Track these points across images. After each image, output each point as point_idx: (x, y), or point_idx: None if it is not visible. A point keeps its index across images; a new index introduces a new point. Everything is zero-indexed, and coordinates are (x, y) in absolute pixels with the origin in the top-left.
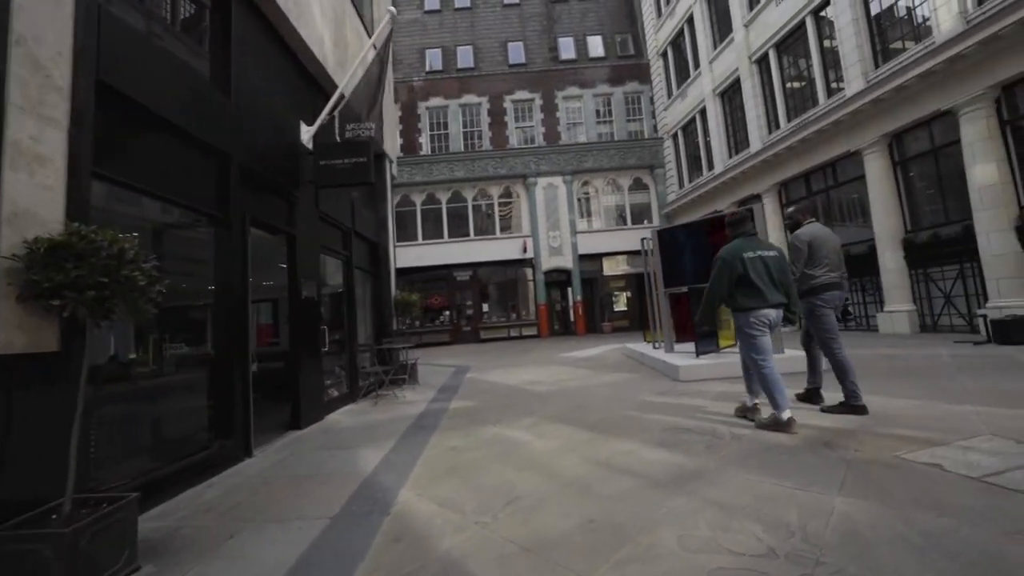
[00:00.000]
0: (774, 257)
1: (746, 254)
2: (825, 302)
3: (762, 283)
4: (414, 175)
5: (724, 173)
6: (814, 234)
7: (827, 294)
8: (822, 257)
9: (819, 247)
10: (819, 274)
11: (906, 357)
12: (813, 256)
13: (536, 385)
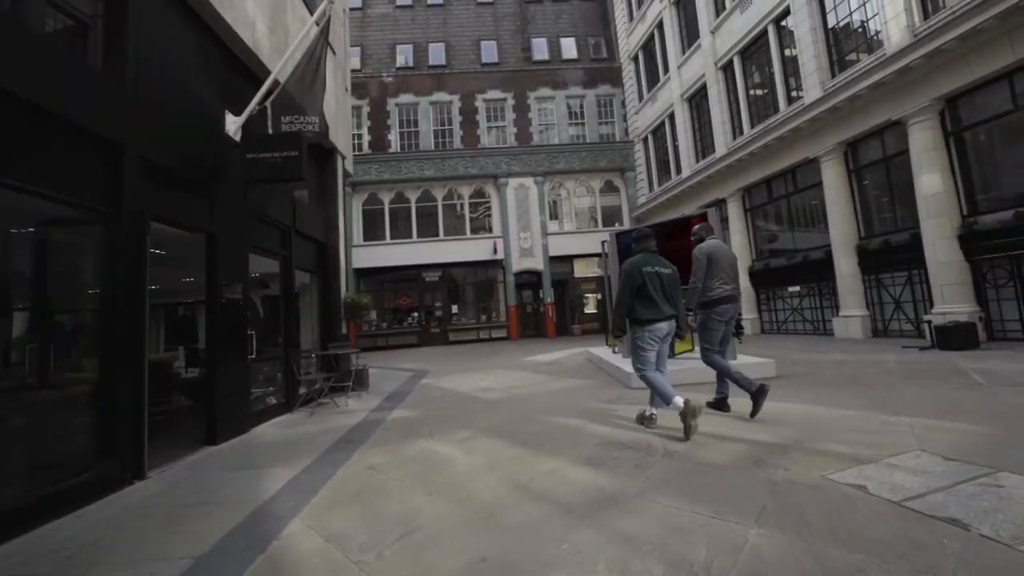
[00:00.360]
0: (669, 274)
1: (646, 268)
2: (719, 315)
3: (657, 296)
4: (382, 173)
5: (691, 177)
6: (713, 249)
7: (721, 307)
8: (719, 271)
9: (717, 262)
10: (715, 287)
11: (854, 363)
12: (711, 270)
13: (488, 392)
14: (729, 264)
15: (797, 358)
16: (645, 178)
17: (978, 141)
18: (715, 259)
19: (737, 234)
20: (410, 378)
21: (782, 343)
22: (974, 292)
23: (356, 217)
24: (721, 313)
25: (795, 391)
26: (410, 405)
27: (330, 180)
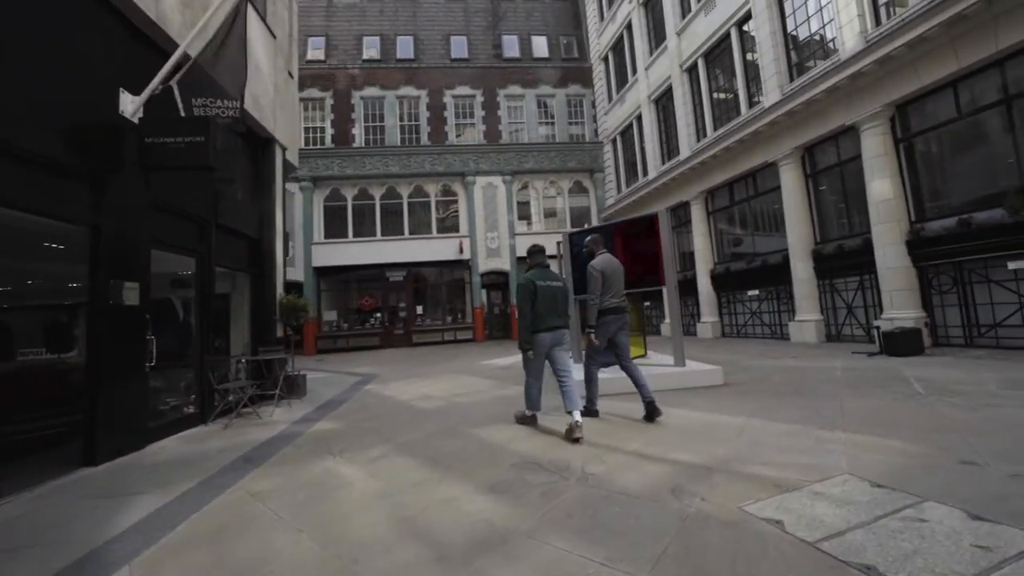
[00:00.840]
0: (560, 287)
1: (539, 283)
2: (606, 324)
3: (545, 309)
4: (345, 168)
5: (657, 179)
6: (605, 265)
7: (609, 317)
8: (611, 285)
9: (609, 276)
10: (607, 300)
11: (802, 370)
12: (605, 284)
13: (428, 400)
14: (620, 278)
15: (748, 364)
16: (614, 179)
17: (926, 148)
18: (608, 274)
19: (700, 237)
20: (355, 383)
21: (738, 347)
22: (920, 298)
23: (317, 213)
24: (608, 323)
25: (738, 401)
26: (339, 416)
27: (267, 172)
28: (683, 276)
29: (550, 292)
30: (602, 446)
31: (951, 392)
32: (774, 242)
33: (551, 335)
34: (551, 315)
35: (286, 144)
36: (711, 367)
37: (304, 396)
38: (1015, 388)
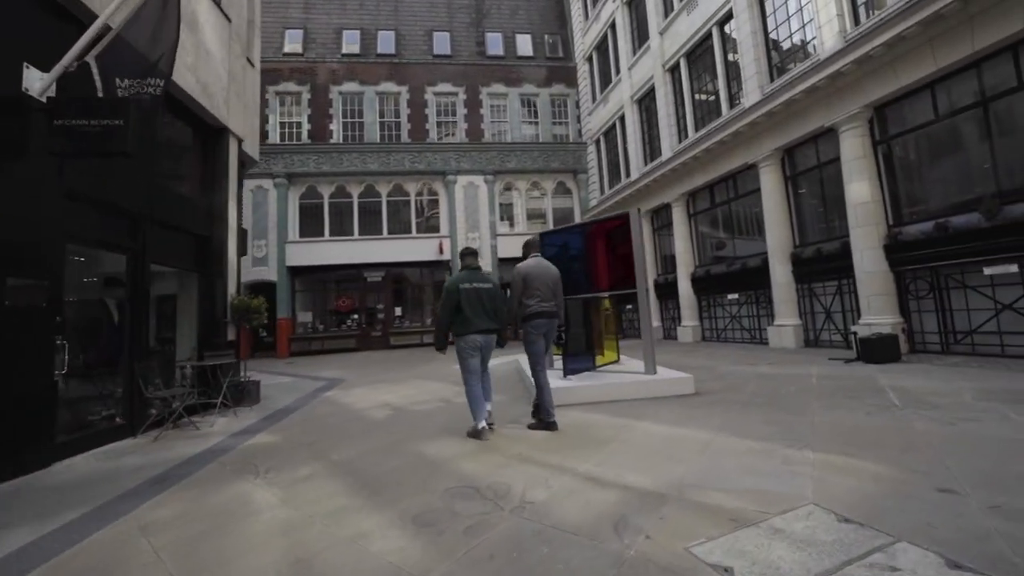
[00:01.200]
0: (488, 289)
1: (463, 285)
2: (535, 328)
3: (471, 311)
4: (322, 164)
5: (639, 180)
6: (529, 269)
7: (536, 322)
8: (534, 289)
9: (532, 280)
10: (531, 304)
11: (778, 378)
12: (527, 287)
13: (385, 409)
14: (545, 282)
15: (724, 370)
16: (597, 181)
17: (904, 151)
18: (530, 278)
19: (681, 239)
20: (317, 389)
21: (717, 352)
22: (898, 303)
23: (292, 211)
24: (536, 327)
25: (707, 413)
26: (283, 427)
27: (219, 165)
28: (664, 279)
29: (475, 294)
30: (552, 466)
31: (927, 404)
32: (754, 245)
33: (482, 337)
34: (479, 317)
35: (242, 136)
36: (682, 375)
37: (256, 404)
38: (991, 400)
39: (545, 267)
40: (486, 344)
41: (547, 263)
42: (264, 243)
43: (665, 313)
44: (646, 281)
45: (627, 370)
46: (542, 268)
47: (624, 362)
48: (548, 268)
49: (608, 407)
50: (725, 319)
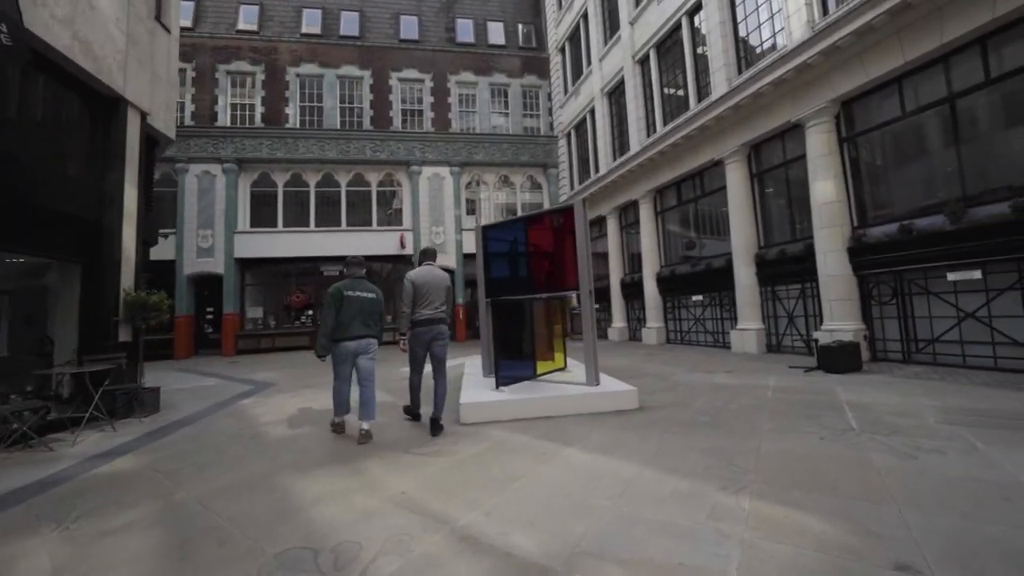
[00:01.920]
0: (370, 298)
1: (347, 292)
2: (416, 336)
3: (348, 318)
4: (276, 150)
5: (607, 175)
6: (419, 276)
7: (418, 330)
8: (422, 296)
9: (421, 287)
10: (419, 311)
11: (731, 390)
12: (417, 295)
13: (288, 424)
14: (433, 289)
15: (678, 379)
16: (567, 175)
17: (871, 149)
18: (419, 285)
19: (647, 237)
20: (235, 396)
21: (678, 357)
22: (860, 309)
23: (243, 200)
24: (420, 334)
25: (643, 437)
26: (158, 448)
27: (112, 141)
28: (631, 278)
29: (358, 302)
30: (431, 515)
31: (887, 427)
32: (721, 245)
33: (355, 343)
34: (356, 324)
35: (148, 109)
36: (626, 388)
37: (152, 415)
38: (954, 423)
39: (435, 275)
40: (359, 350)
41: (439, 271)
42: (210, 233)
43: (631, 314)
44: (590, 282)
45: (570, 380)
46: (432, 276)
47: (573, 369)
48: (438, 276)
49: (538, 426)
50: (690, 321)
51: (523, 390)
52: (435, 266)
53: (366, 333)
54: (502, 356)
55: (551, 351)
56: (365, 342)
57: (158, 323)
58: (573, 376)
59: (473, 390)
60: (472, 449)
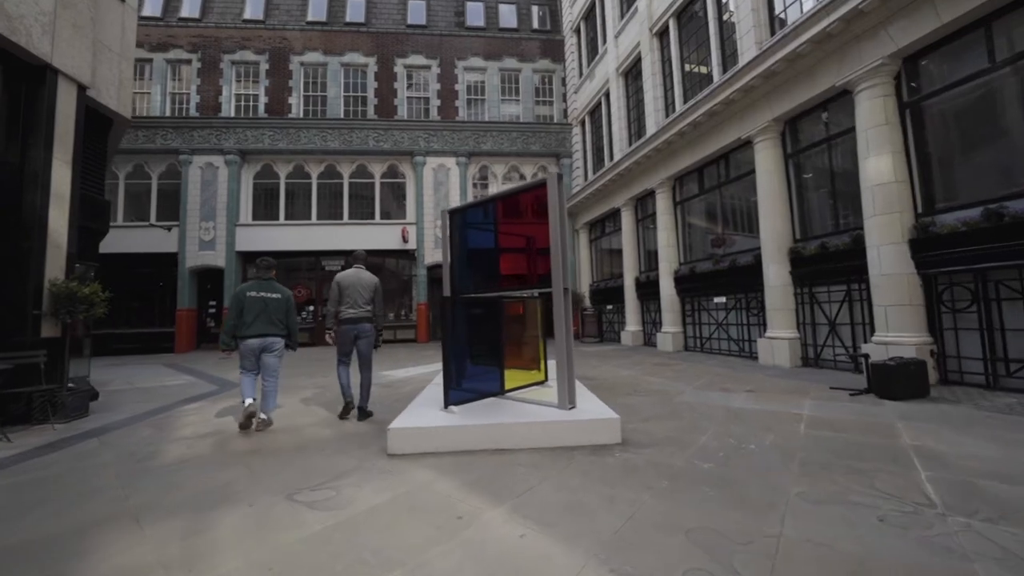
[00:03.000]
0: (276, 299)
1: (249, 293)
2: (342, 333)
3: (252, 317)
4: (277, 141)
5: (622, 162)
6: (343, 277)
7: (342, 327)
8: (347, 297)
9: (345, 288)
10: (342, 310)
11: (750, 420)
12: (341, 295)
13: (200, 442)
14: (357, 290)
15: (685, 400)
16: (581, 165)
17: (943, 114)
18: (344, 286)
19: (664, 231)
20: (188, 399)
21: (692, 368)
22: (926, 317)
23: (245, 192)
24: (343, 332)
25: (611, 494)
26: (24, 470)
27: (35, 112)
28: (646, 277)
29: (261, 303)
30: None
31: (990, 505)
32: (748, 241)
33: (258, 341)
34: (260, 323)
35: (87, 82)
36: (607, 415)
37: (76, 419)
38: None
39: (361, 277)
40: (262, 347)
41: (365, 274)
42: (212, 225)
43: (646, 316)
44: (565, 278)
45: (541, 400)
46: (357, 278)
47: (551, 385)
48: (363, 278)
49: (481, 464)
50: (711, 326)
51: (482, 412)
52: (363, 269)
53: (270, 331)
54: (460, 365)
55: (533, 360)
56: (269, 340)
57: (89, 317)
58: (549, 394)
59: (418, 410)
60: (373, 499)
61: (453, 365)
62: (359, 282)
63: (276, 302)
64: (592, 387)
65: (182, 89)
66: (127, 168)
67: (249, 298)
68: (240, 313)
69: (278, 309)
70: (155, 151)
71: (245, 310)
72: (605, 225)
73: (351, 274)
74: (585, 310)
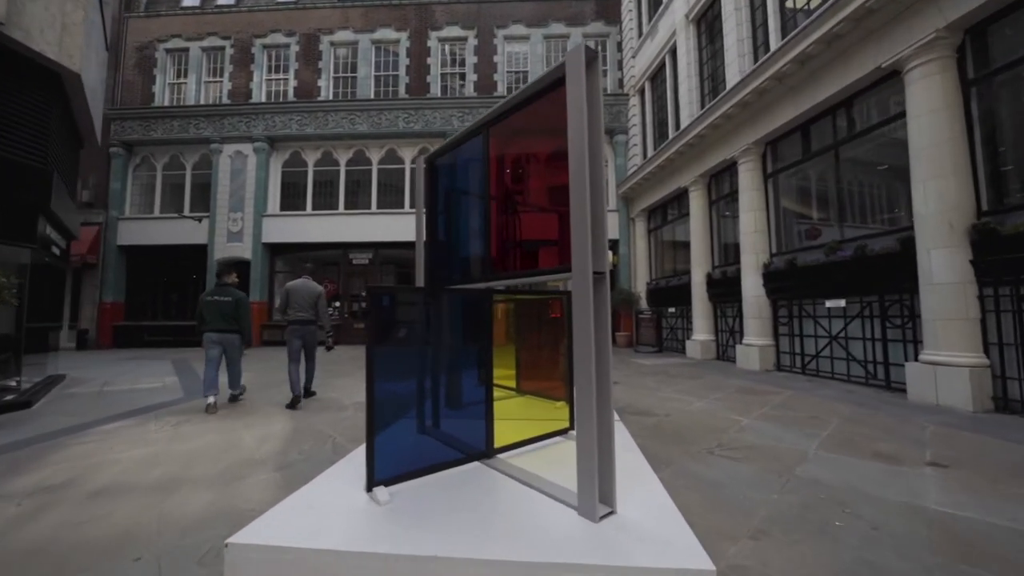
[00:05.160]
0: (227, 302)
1: (207, 297)
2: (289, 333)
3: (210, 315)
4: (305, 126)
5: (690, 129)
6: (292, 286)
7: (289, 327)
8: (293, 302)
9: (292, 294)
10: (290, 313)
11: (985, 549)
12: (289, 300)
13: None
14: (303, 296)
15: (808, 479)
16: (639, 141)
17: None
18: (291, 294)
19: (750, 213)
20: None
21: (797, 404)
22: None
23: (273, 181)
24: (291, 332)
25: None
26: None
27: None
28: (722, 273)
29: (216, 304)
30: None
31: None
32: (887, 216)
33: (217, 335)
34: (216, 320)
35: (42, 45)
36: (685, 543)
37: None
38: None
39: (307, 286)
40: (221, 340)
41: (311, 283)
42: (240, 216)
43: (720, 323)
44: (589, 255)
45: (552, 490)
46: (303, 286)
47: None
48: (308, 286)
49: None
50: (820, 340)
51: (438, 503)
52: (309, 279)
53: (226, 328)
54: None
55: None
56: (226, 335)
57: None
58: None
59: (329, 486)
60: None
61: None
62: (304, 290)
63: (227, 304)
64: (648, 432)
65: (216, 77)
66: (164, 159)
67: (207, 301)
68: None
69: (227, 311)
70: (189, 140)
71: (205, 310)
72: (667, 211)
73: (299, 283)
74: (641, 313)
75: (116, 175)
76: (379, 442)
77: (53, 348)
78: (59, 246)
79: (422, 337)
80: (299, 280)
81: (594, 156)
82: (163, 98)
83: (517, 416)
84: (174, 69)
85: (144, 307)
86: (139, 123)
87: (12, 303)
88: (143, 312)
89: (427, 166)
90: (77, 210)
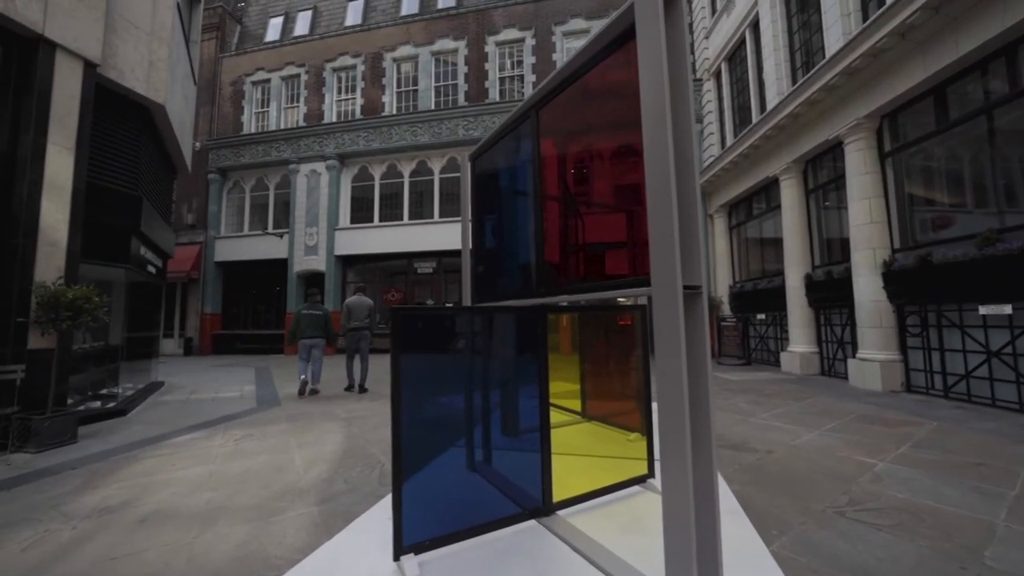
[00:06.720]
0: (315, 315)
1: (302, 311)
2: (350, 338)
3: (306, 326)
4: (371, 141)
5: (779, 109)
6: (351, 301)
7: (350, 333)
8: (353, 315)
9: (351, 309)
10: (351, 323)
11: None
12: (350, 314)
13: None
14: (360, 310)
15: None
16: (716, 130)
17: None
18: (352, 308)
19: (861, 202)
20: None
21: (949, 444)
22: None
23: (344, 195)
24: (349, 338)
25: None
26: None
27: (25, 93)
28: (826, 274)
29: (311, 317)
30: None
31: None
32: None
33: (309, 340)
34: (310, 329)
35: (95, 58)
36: None
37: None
38: None
39: (362, 301)
40: (312, 344)
41: (365, 298)
42: (315, 230)
43: (826, 333)
44: (678, 264)
45: (629, 567)
46: (360, 301)
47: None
48: (362, 301)
49: None
50: (969, 356)
51: None
52: (363, 295)
53: (314, 334)
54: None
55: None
56: (314, 340)
57: (73, 327)
58: (645, 523)
59: (348, 544)
60: None
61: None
62: (361, 304)
63: (316, 317)
64: (747, 476)
65: (293, 103)
66: (251, 181)
67: (302, 315)
68: (297, 323)
69: (321, 322)
70: (271, 163)
71: (300, 321)
72: (752, 205)
73: (356, 299)
74: (724, 320)
75: (213, 198)
76: (409, 491)
77: (155, 355)
78: (155, 264)
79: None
80: (355, 297)
81: (680, 132)
82: (250, 126)
83: (582, 451)
84: (259, 99)
85: (237, 317)
86: (231, 150)
87: (104, 319)
88: (236, 322)
89: (471, 162)
90: (179, 231)
